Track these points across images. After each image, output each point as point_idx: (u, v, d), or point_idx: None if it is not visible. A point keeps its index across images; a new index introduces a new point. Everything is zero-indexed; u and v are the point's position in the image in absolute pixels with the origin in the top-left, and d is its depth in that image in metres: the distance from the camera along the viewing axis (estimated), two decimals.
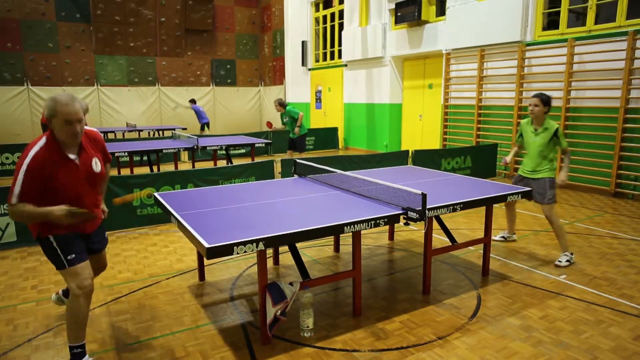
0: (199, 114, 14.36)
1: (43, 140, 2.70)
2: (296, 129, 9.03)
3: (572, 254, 4.68)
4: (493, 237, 5.35)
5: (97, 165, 2.92)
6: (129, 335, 3.31)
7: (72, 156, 2.77)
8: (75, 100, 2.68)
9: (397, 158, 8.33)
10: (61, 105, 2.62)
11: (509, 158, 4.90)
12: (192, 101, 14.78)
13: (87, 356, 2.86)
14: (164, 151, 8.13)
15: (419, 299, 3.84)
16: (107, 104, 15.55)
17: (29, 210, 2.62)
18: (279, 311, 3.05)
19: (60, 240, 2.79)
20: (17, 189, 2.59)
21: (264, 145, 9.92)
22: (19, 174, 2.60)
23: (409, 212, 3.29)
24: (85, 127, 2.89)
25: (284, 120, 9.27)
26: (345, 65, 14.00)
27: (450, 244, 4.20)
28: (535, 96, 4.53)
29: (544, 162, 4.65)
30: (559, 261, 4.60)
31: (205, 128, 14.35)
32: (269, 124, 9.67)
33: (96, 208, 2.98)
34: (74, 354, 2.82)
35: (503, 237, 5.38)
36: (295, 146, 9.26)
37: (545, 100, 4.49)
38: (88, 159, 2.86)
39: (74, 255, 2.78)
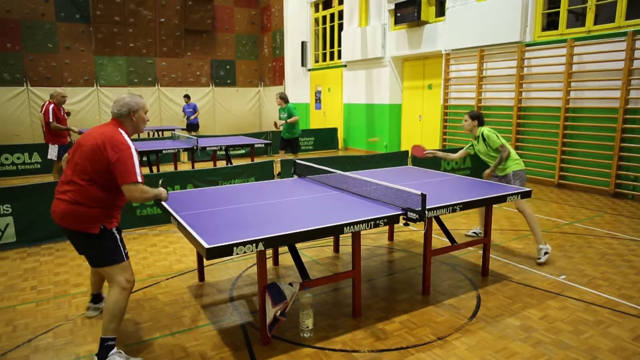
0: (194, 113, 13.51)
1: (120, 130, 2.96)
2: (282, 121, 9.07)
3: (546, 244, 4.72)
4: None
5: None
6: (129, 336, 3.31)
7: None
8: None
9: (397, 158, 8.34)
10: (141, 99, 3.09)
11: (440, 154, 5.64)
12: (187, 97, 13.85)
13: (115, 349, 2.87)
14: (164, 152, 8.12)
15: (418, 300, 3.84)
16: (106, 104, 15.50)
17: (148, 189, 2.89)
18: (279, 312, 3.05)
19: (120, 234, 2.99)
20: (137, 169, 2.82)
21: (263, 145, 9.92)
22: (133, 157, 2.82)
23: (408, 213, 3.29)
24: None
25: (282, 115, 9.26)
26: (345, 66, 14.00)
27: (449, 244, 4.20)
28: (466, 114, 5.28)
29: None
30: (539, 258, 4.64)
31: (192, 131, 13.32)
32: (276, 124, 9.70)
33: None
34: (107, 345, 2.83)
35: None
36: (289, 146, 9.36)
37: (474, 116, 5.24)
38: None
39: (127, 250, 2.99)
